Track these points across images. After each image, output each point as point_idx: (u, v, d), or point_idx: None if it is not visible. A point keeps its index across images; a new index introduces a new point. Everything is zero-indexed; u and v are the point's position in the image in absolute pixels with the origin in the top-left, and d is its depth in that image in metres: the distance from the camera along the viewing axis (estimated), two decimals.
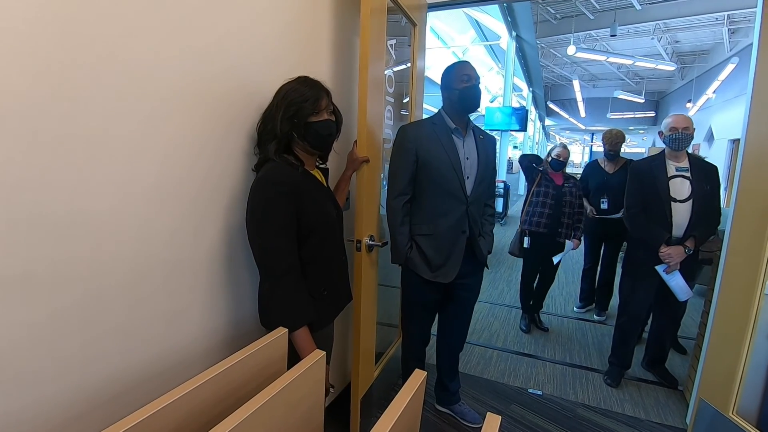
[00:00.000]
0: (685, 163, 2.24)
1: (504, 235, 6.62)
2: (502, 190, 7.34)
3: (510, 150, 17.30)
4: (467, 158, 1.69)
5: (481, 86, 1.82)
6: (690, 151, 2.35)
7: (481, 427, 1.98)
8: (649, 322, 2.63)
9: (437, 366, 2.09)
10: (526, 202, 3.02)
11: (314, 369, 0.93)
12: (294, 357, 1.08)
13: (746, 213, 1.82)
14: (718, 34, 9.30)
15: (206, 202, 1.12)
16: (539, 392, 2.35)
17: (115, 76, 0.85)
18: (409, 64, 2.13)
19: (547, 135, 23.01)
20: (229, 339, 1.27)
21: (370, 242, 1.61)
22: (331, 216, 1.26)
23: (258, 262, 1.13)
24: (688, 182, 2.20)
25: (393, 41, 1.92)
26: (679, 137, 2.19)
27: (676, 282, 2.23)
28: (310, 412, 0.96)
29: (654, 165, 2.28)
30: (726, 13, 8.12)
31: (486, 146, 1.77)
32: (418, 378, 0.83)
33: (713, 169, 2.27)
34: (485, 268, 1.90)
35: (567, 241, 2.92)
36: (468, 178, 1.68)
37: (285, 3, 1.36)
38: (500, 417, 0.72)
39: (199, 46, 1.05)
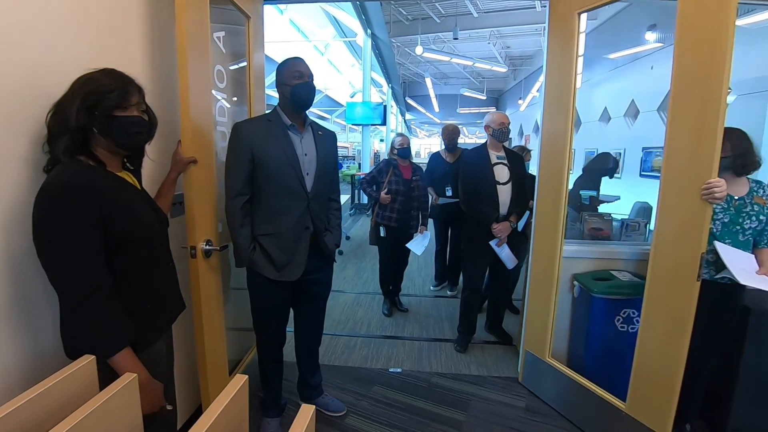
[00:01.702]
0: (502, 153, 2.66)
1: (369, 226, 6.89)
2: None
3: (377, 143, 18.05)
4: (305, 154, 1.68)
5: (345, 81, 1.83)
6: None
7: (344, 414, 2.07)
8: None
9: (297, 363, 2.08)
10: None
11: (124, 393, 0.84)
12: None
13: (545, 193, 2.21)
14: (538, 42, 11.00)
15: None
16: (399, 370, 2.53)
17: None
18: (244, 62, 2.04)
19: (408, 128, 24.54)
20: (30, 377, 1.07)
21: (207, 247, 1.51)
22: (149, 221, 1.14)
23: (53, 285, 0.96)
24: (506, 168, 2.62)
25: (222, 33, 1.82)
26: (506, 131, 2.62)
27: (506, 253, 2.64)
28: None
29: (480, 154, 2.65)
30: (543, 26, 9.62)
31: (325, 142, 1.78)
32: (236, 384, 0.82)
33: (520, 157, 2.79)
34: (334, 261, 1.94)
35: (417, 234, 3.18)
36: (308, 174, 1.68)
37: None
38: (314, 407, 0.75)
39: None
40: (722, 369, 1.93)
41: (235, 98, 2.03)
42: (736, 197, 1.77)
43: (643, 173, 5.62)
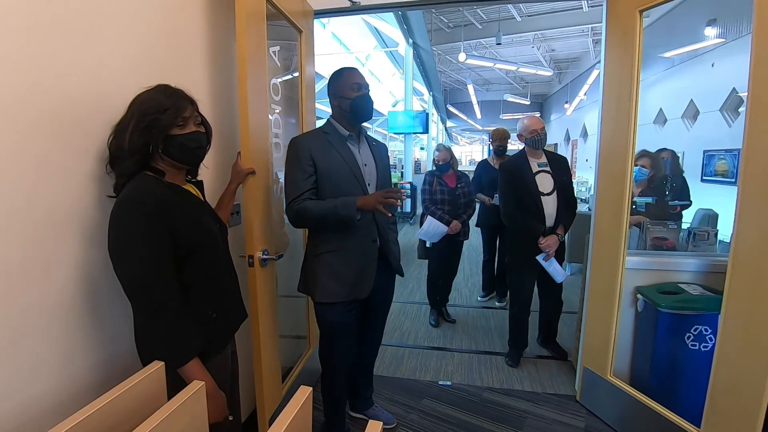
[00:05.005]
0: (544, 159, 2.50)
1: (414, 233, 6.85)
2: (409, 191, 7.61)
3: (417, 151, 18.02)
4: (365, 165, 1.65)
5: (385, 90, 1.80)
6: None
7: (394, 427, 2.04)
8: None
9: (353, 373, 2.03)
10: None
11: (191, 402, 0.86)
12: None
13: (605, 201, 2.09)
14: (585, 44, 10.62)
15: (51, 238, 0.98)
16: (448, 383, 2.46)
17: None
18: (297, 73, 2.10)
19: (450, 136, 24.35)
20: (103, 381, 1.13)
21: (264, 256, 1.54)
22: (213, 232, 1.17)
23: (128, 296, 1.00)
24: (549, 176, 2.46)
25: (277, 48, 1.88)
26: (539, 138, 2.45)
27: (554, 267, 2.50)
28: None
29: (519, 163, 2.49)
30: (590, 26, 9.31)
31: (380, 153, 1.76)
32: (302, 394, 0.81)
33: (564, 160, 2.60)
34: (401, 276, 1.86)
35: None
36: (369, 184, 1.63)
37: (147, 8, 1.26)
38: (381, 423, 0.73)
39: (31, 56, 0.91)
40: None
41: (288, 110, 2.09)
42: None
43: (705, 178, 5.24)
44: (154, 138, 1.02)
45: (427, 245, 3.15)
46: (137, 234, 0.98)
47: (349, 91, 1.59)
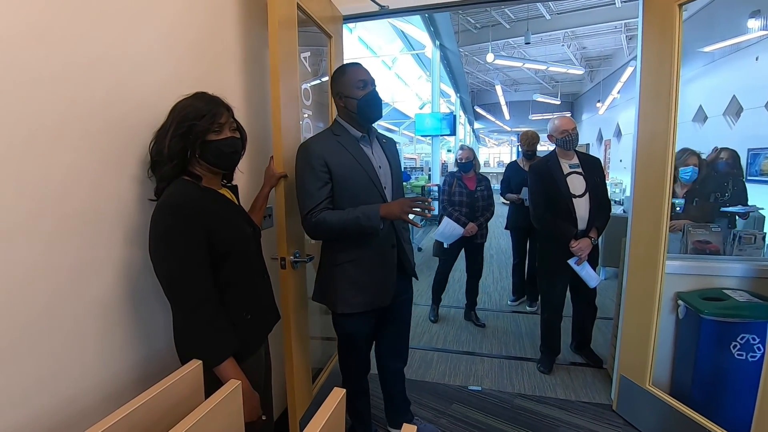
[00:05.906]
0: (576, 160, 2.43)
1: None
2: (436, 194, 7.57)
3: (444, 154, 17.91)
4: (380, 166, 1.55)
5: (412, 93, 1.72)
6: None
7: None
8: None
9: (386, 389, 1.97)
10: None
11: (228, 401, 0.88)
12: None
13: (643, 202, 2.02)
14: (618, 40, 10.30)
15: (94, 239, 1.03)
16: (478, 388, 2.42)
17: None
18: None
19: (477, 138, 24.06)
20: (143, 378, 1.17)
21: (295, 259, 1.57)
22: (247, 235, 1.21)
23: (167, 295, 1.04)
24: (581, 177, 2.38)
25: (307, 53, 1.91)
26: (570, 138, 2.37)
27: (587, 272, 2.42)
28: None
29: (550, 165, 2.43)
30: (623, 22, 9.02)
31: (392, 151, 1.66)
32: (336, 396, 0.82)
33: (598, 161, 2.51)
34: (416, 278, 1.81)
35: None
36: (385, 188, 1.54)
37: (184, 17, 1.30)
38: (415, 427, 0.73)
39: (78, 61, 0.96)
40: None
41: (318, 114, 2.12)
42: None
43: (749, 178, 4.97)
44: (192, 143, 1.06)
45: (445, 246, 3.14)
46: (175, 236, 1.01)
47: (354, 90, 1.47)
